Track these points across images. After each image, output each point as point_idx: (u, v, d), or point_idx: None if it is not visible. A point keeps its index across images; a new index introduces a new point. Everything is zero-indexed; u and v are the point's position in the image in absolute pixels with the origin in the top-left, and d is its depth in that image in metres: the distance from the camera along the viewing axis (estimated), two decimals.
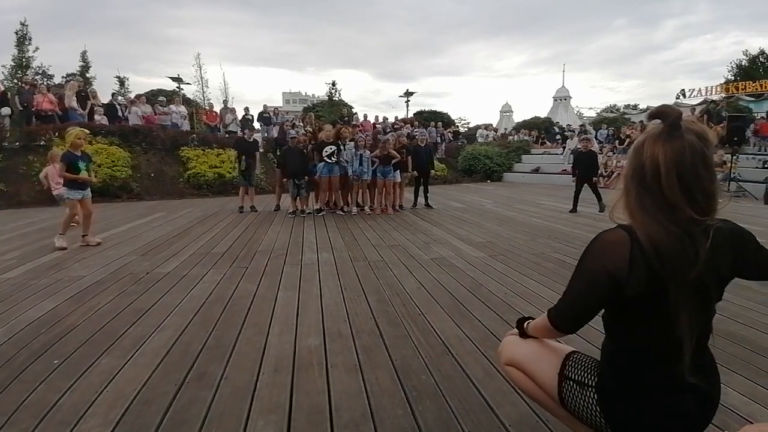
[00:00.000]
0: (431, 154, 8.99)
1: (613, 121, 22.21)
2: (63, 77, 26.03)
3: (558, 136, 18.71)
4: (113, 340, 2.50)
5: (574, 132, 17.45)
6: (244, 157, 8.01)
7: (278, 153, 7.73)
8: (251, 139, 8.39)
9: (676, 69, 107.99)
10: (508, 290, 3.39)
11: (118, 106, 13.17)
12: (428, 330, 2.63)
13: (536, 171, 15.74)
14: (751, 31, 72.39)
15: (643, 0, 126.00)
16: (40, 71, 25.75)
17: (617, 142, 14.33)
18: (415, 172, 8.63)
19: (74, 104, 11.88)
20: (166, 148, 12.25)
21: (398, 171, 8.06)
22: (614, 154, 13.80)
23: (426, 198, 8.71)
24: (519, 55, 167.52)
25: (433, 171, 8.98)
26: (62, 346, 2.44)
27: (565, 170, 15.20)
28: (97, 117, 11.84)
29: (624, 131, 14.57)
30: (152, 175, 11.29)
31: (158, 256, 4.58)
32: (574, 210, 7.76)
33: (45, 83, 19.68)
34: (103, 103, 12.91)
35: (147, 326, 2.71)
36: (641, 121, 15.50)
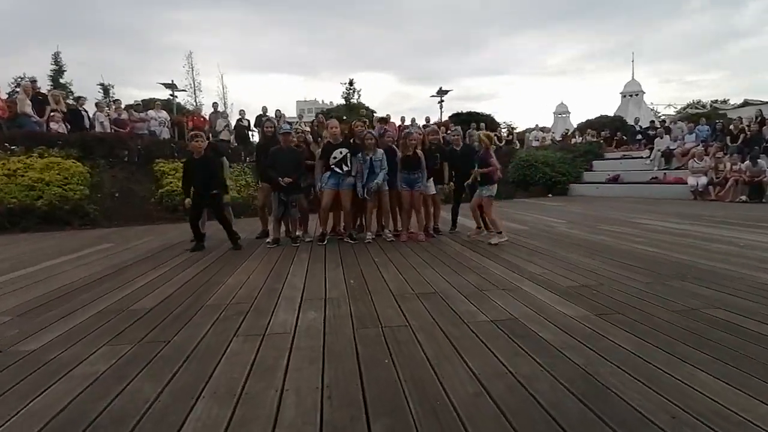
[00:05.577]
0: (469, 158, 7.04)
1: (707, 117, 20.13)
2: (49, 85, 26.53)
3: (639, 136, 16.82)
4: None
5: (662, 129, 15.57)
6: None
7: (261, 160, 6.48)
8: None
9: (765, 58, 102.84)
10: (678, 411, 1.86)
11: (84, 113, 12.53)
12: None
13: (615, 180, 13.94)
14: None
15: None
16: (33, 80, 26.22)
17: (729, 139, 12.36)
18: (452, 183, 7.08)
19: (28, 110, 11.25)
20: (137, 162, 11.42)
21: (431, 180, 6.62)
22: (726, 155, 11.84)
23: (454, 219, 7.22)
24: (571, 49, 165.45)
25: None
26: None
27: (656, 178, 13.38)
28: (53, 125, 11.12)
29: (736, 125, 12.61)
30: (116, 195, 10.34)
31: (43, 316, 3.30)
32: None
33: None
34: (65, 111, 12.26)
35: None
36: (759, 110, 13.47)
